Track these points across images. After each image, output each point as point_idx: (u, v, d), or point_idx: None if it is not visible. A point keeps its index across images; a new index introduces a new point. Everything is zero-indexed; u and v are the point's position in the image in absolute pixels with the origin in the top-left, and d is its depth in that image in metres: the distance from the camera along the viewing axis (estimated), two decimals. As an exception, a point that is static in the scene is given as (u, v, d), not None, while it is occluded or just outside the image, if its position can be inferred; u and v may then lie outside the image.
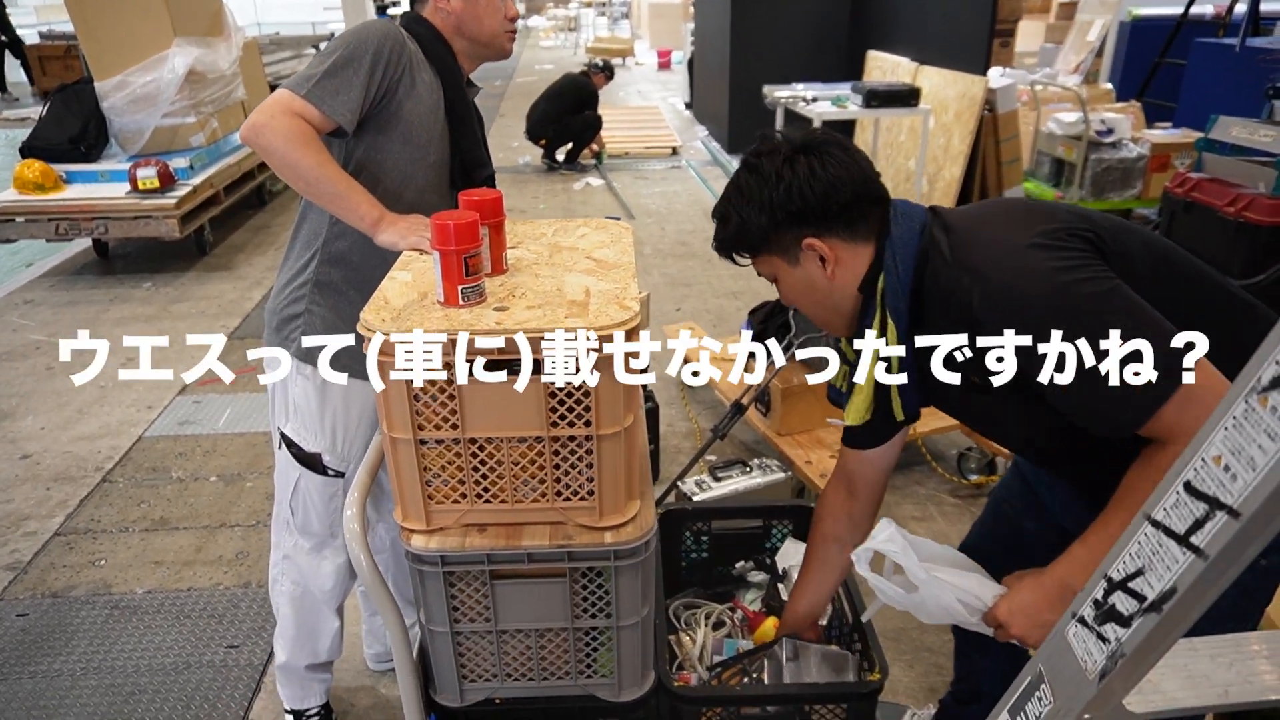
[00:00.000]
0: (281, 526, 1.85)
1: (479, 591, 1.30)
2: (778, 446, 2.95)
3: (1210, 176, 3.54)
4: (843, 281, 1.29)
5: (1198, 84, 6.22)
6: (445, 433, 1.21)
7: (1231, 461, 0.56)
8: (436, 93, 1.65)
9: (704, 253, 5.53)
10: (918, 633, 2.36)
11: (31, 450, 3.36)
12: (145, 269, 5.34)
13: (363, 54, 1.52)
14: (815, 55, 7.76)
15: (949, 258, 1.20)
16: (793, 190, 1.23)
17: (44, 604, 2.53)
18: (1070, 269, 1.11)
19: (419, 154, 1.64)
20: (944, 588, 1.24)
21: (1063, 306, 1.09)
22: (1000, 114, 5.67)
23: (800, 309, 1.38)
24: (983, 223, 1.23)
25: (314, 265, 1.67)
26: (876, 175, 1.29)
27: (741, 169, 1.31)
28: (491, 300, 1.24)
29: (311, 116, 1.49)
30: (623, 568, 1.28)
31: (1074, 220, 1.19)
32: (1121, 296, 1.09)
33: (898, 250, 1.25)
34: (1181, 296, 1.16)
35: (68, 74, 8.90)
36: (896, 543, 1.27)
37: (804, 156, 1.24)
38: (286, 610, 1.90)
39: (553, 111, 7.42)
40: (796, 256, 1.29)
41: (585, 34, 17.66)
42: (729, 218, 1.31)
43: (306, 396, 1.70)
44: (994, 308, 1.13)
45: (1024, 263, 1.13)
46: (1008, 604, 1.22)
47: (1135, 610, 0.64)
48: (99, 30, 5.01)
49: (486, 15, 1.66)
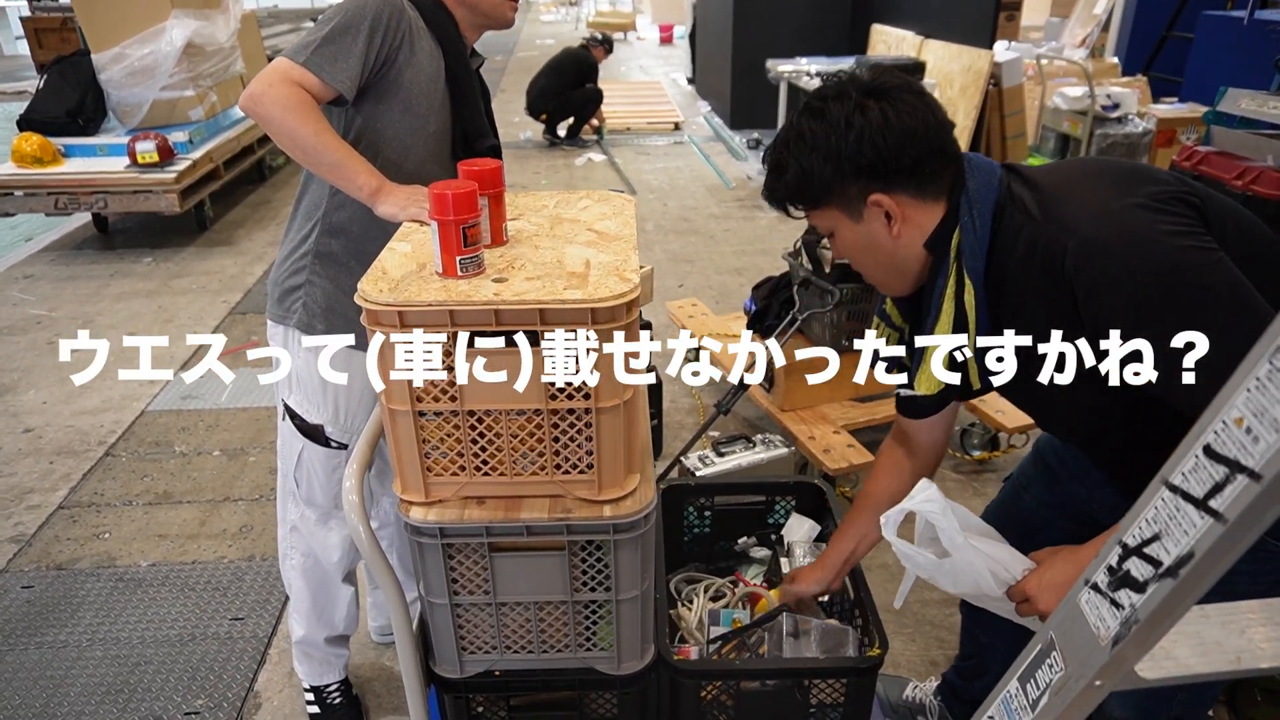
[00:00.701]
0: (287, 498, 1.85)
1: (478, 564, 1.30)
2: (781, 422, 2.94)
3: (1218, 150, 3.50)
4: (908, 240, 1.21)
5: (1205, 57, 6.16)
6: (444, 404, 1.20)
7: (1254, 423, 0.55)
8: (437, 61, 1.63)
9: (706, 229, 5.50)
10: (919, 606, 2.37)
11: (34, 424, 3.36)
12: (145, 244, 5.31)
13: (361, 20, 1.50)
14: (819, 29, 7.69)
15: (1035, 214, 1.13)
16: (864, 139, 1.14)
17: (49, 576, 2.54)
18: (1177, 234, 1.04)
19: (419, 123, 1.62)
20: (977, 555, 1.20)
21: (1167, 273, 1.02)
22: (1005, 88, 5.62)
23: (857, 266, 1.31)
24: (1076, 180, 1.15)
25: (314, 236, 1.65)
26: (951, 126, 1.19)
27: (804, 114, 1.20)
28: (490, 271, 1.23)
29: (310, 84, 1.47)
30: (622, 541, 1.27)
31: (1177, 184, 1.12)
32: (1225, 268, 1.03)
33: (975, 205, 1.16)
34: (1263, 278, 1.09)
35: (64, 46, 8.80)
36: (936, 503, 1.21)
37: (875, 102, 1.14)
38: (299, 584, 1.91)
39: (553, 86, 7.36)
40: (860, 212, 1.21)
41: (586, 8, 17.50)
42: (786, 166, 1.22)
43: (309, 368, 1.69)
44: (1091, 267, 1.05)
45: (1127, 222, 1.05)
46: (1038, 579, 1.17)
47: (1151, 575, 0.64)
48: (96, 2, 4.96)
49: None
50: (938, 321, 1.23)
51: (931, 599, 2.40)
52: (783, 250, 3.13)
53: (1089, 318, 1.09)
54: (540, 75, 7.45)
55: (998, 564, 1.21)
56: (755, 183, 6.38)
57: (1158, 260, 1.03)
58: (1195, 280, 1.02)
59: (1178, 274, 1.02)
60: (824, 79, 1.24)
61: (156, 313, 4.35)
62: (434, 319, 1.14)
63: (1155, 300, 1.03)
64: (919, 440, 1.49)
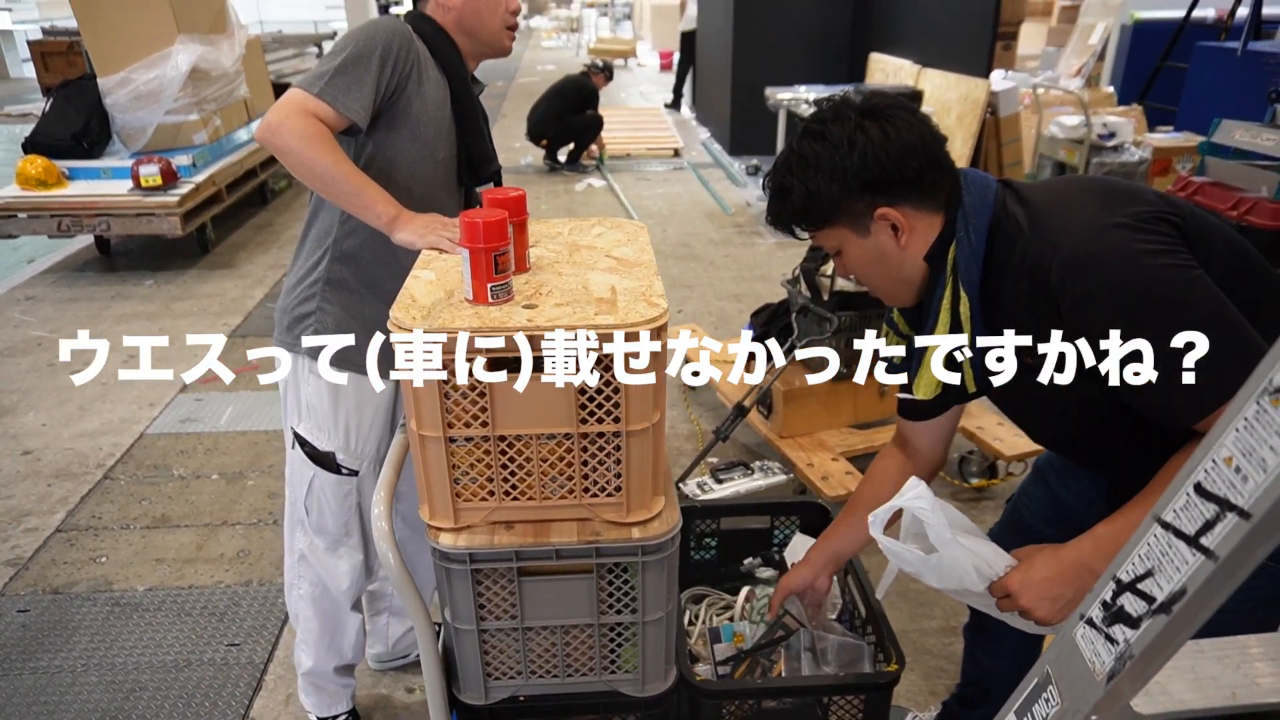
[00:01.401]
0: (296, 527, 1.85)
1: (506, 589, 1.30)
2: (779, 449, 2.95)
3: (1213, 180, 3.54)
4: (914, 250, 1.25)
5: (1199, 87, 6.22)
6: (475, 430, 1.22)
7: (1242, 463, 0.56)
8: (443, 89, 1.66)
9: (705, 255, 5.53)
10: (919, 635, 2.36)
11: (33, 446, 3.36)
12: (147, 266, 5.34)
13: (372, 50, 1.52)
14: (817, 58, 7.77)
15: (1026, 229, 1.17)
16: (868, 156, 1.18)
17: (45, 600, 2.53)
18: (1155, 252, 1.08)
19: (428, 150, 1.65)
20: (963, 551, 1.23)
21: (1144, 289, 1.07)
22: (1002, 117, 5.69)
23: (863, 280, 1.34)
24: (1063, 198, 1.20)
25: (325, 263, 1.67)
26: (944, 140, 1.24)
27: (805, 137, 1.24)
28: (519, 298, 1.25)
29: (325, 115, 1.49)
30: (649, 563, 1.29)
31: (1161, 204, 1.16)
32: (1203, 286, 1.07)
33: (970, 219, 1.21)
34: (1248, 295, 1.14)
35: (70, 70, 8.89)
36: (925, 500, 1.25)
37: (873, 121, 1.19)
38: (308, 613, 1.90)
39: (553, 112, 7.43)
40: (867, 227, 1.24)
41: (587, 35, 17.68)
42: (791, 188, 1.25)
43: (319, 395, 1.70)
44: (1073, 282, 1.10)
45: (1108, 240, 1.10)
46: (1021, 575, 1.20)
47: (1144, 611, 0.64)
48: (102, 26, 5.01)
49: (487, 11, 1.66)
50: (934, 330, 1.28)
51: (931, 628, 2.39)
52: (781, 277, 3.15)
53: (1071, 330, 1.13)
54: (541, 101, 7.52)
55: (981, 560, 1.23)
56: (754, 209, 6.43)
57: (1137, 276, 1.07)
58: (1173, 296, 1.07)
59: (1156, 290, 1.07)
60: (819, 105, 1.28)
61: (157, 335, 4.36)
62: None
63: (1134, 315, 1.07)
64: (917, 445, 1.52)
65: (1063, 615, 1.17)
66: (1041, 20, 10.68)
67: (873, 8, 7.40)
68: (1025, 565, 1.21)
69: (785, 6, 7.62)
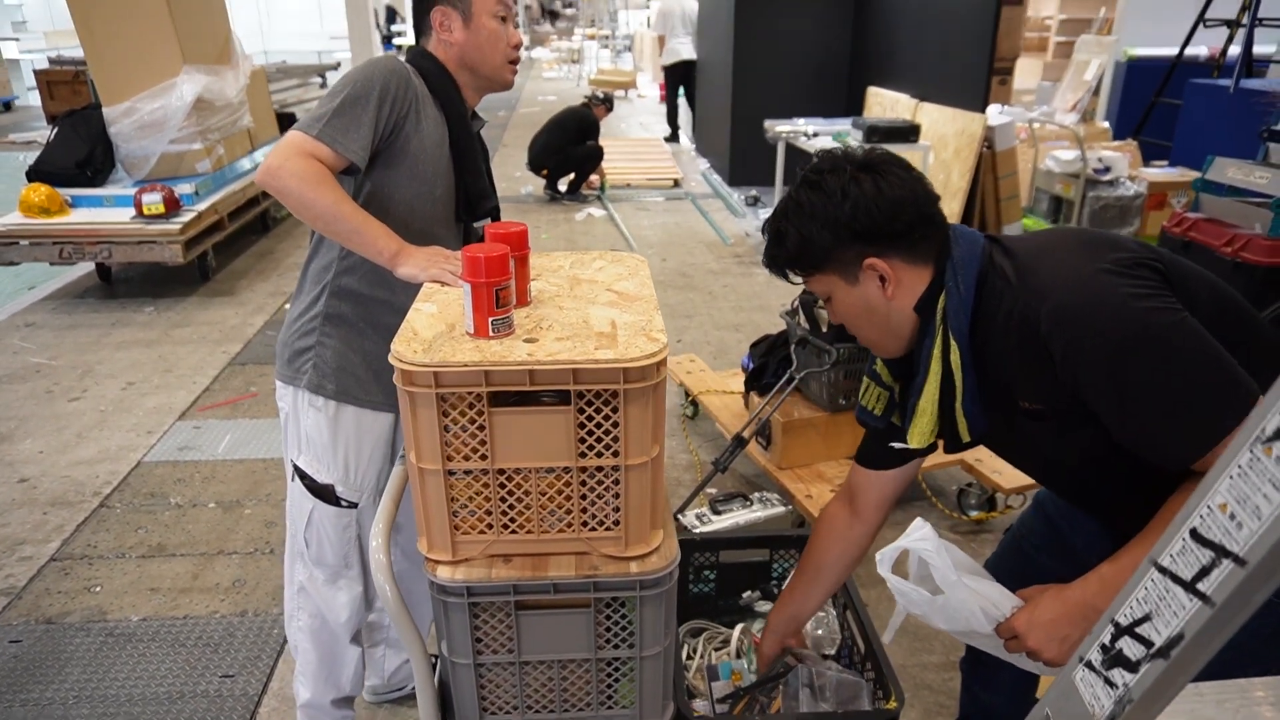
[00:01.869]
0: (295, 559, 1.84)
1: (503, 623, 1.30)
2: (778, 480, 2.95)
3: (1207, 216, 3.57)
4: (901, 303, 1.29)
5: (1193, 123, 6.30)
6: (474, 463, 1.22)
7: (1237, 510, 0.56)
8: (441, 127, 1.68)
9: (704, 285, 5.56)
10: (918, 670, 2.35)
11: (29, 474, 3.35)
12: (147, 293, 5.35)
13: (369, 90, 1.55)
14: (816, 91, 7.86)
15: (1014, 281, 1.20)
16: (859, 208, 1.22)
17: (37, 630, 2.51)
18: (1141, 296, 1.11)
19: (425, 188, 1.67)
20: (969, 593, 1.24)
21: (1134, 333, 1.09)
22: (999, 151, 5.74)
23: (852, 329, 1.37)
24: (1048, 249, 1.23)
25: (324, 299, 1.68)
26: (937, 198, 1.28)
27: (802, 186, 1.28)
28: (520, 332, 1.26)
29: (325, 156, 1.51)
30: (647, 598, 1.29)
31: (1142, 250, 1.20)
32: (1190, 328, 1.10)
33: (959, 271, 1.24)
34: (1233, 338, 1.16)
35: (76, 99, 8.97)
36: (931, 541, 1.27)
37: (867, 174, 1.24)
38: (306, 645, 1.89)
39: (554, 142, 7.49)
40: (856, 276, 1.28)
41: (588, 66, 17.86)
42: (786, 234, 1.29)
43: (319, 428, 1.70)
44: (1063, 331, 1.13)
45: (1094, 286, 1.13)
46: (1028, 616, 1.22)
47: (1143, 656, 0.64)
48: (109, 56, 5.07)
49: (489, 46, 1.69)
50: (926, 379, 1.30)
51: (930, 663, 2.38)
52: (780, 308, 3.17)
53: (1066, 378, 1.16)
54: (542, 132, 7.59)
55: (988, 601, 1.25)
56: (753, 239, 6.46)
57: (1125, 321, 1.10)
58: (1162, 337, 1.09)
59: (1144, 333, 1.09)
60: (819, 155, 1.31)
61: (156, 362, 4.36)
62: (469, 380, 1.17)
63: (1125, 359, 1.10)
64: (869, 499, 1.54)
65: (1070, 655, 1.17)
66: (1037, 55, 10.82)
67: (871, 42, 7.50)
68: (1031, 606, 1.23)
69: (785, 40, 7.72)
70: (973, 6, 5.78)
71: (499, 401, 1.19)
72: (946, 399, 1.29)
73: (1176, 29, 6.96)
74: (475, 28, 1.68)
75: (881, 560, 1.32)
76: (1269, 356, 1.22)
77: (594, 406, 1.19)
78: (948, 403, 1.29)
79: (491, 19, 1.68)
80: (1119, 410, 1.14)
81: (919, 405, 1.32)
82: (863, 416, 1.49)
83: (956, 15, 6.02)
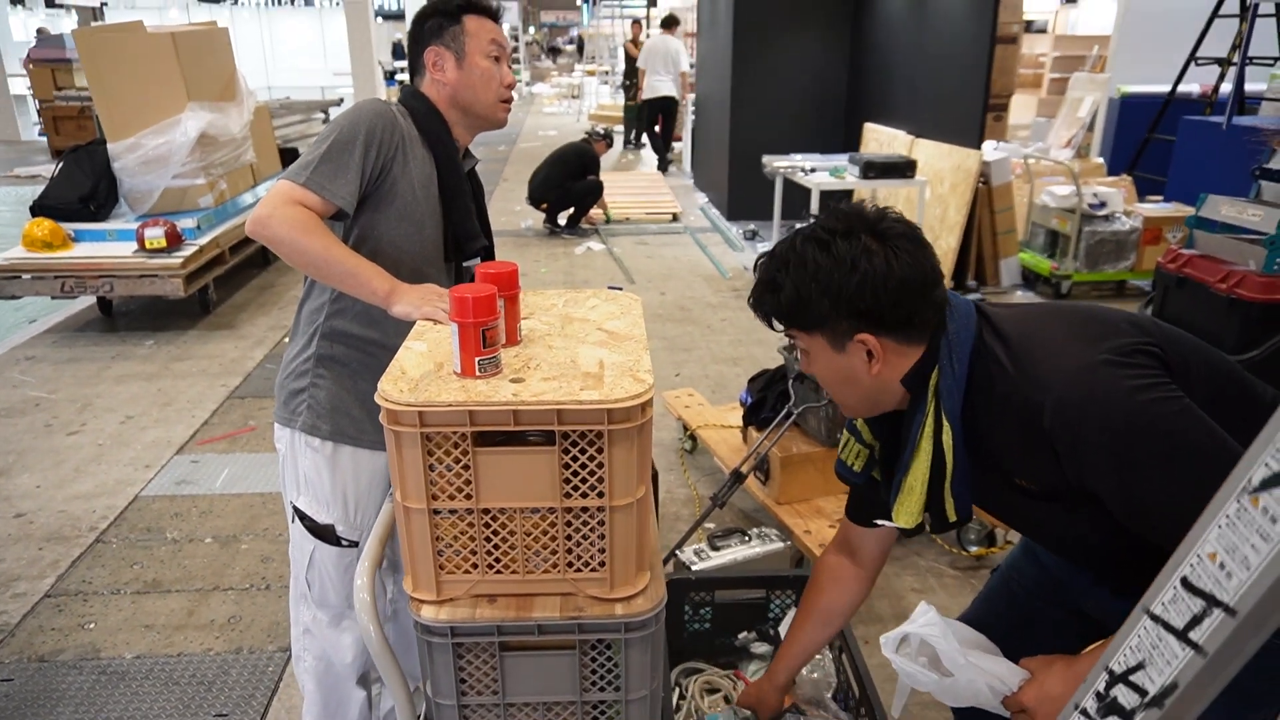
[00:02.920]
0: (299, 600, 1.84)
1: (487, 664, 1.29)
2: (777, 515, 2.94)
3: (1202, 253, 3.60)
4: (885, 378, 1.26)
5: (1187, 159, 6.36)
6: (459, 503, 1.22)
7: (1226, 559, 0.57)
8: (429, 167, 1.69)
9: (703, 319, 5.58)
10: (918, 708, 2.32)
11: (25, 509, 3.33)
12: (148, 327, 5.37)
13: (355, 135, 1.56)
14: (814, 126, 7.95)
15: (1009, 367, 1.19)
16: (866, 285, 1.18)
17: (30, 669, 2.48)
18: (1144, 387, 1.10)
19: (414, 229, 1.68)
20: (977, 672, 1.24)
21: (1139, 426, 1.09)
22: (995, 186, 5.79)
23: (826, 388, 1.34)
24: (1041, 333, 1.21)
25: (316, 340, 1.70)
26: (942, 276, 1.25)
27: (810, 243, 1.23)
28: (507, 371, 1.26)
29: (313, 203, 1.53)
30: (633, 640, 1.28)
31: (1137, 334, 1.18)
32: (1194, 415, 1.10)
33: (954, 349, 1.22)
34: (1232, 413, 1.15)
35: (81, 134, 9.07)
36: (937, 627, 1.27)
37: (880, 245, 1.20)
38: (311, 686, 1.88)
39: (554, 177, 7.56)
40: (844, 345, 1.25)
41: (588, 101, 18.05)
42: (782, 286, 1.25)
43: (316, 469, 1.70)
44: (1069, 426, 1.12)
45: (1097, 379, 1.11)
46: (1035, 691, 1.20)
47: (1137, 705, 0.64)
48: (115, 93, 5.13)
49: (481, 86, 1.71)
50: (914, 458, 1.27)
51: (928, 700, 2.35)
52: (778, 342, 3.18)
53: (1071, 469, 1.15)
54: (543, 166, 7.66)
55: (994, 678, 1.24)
56: (751, 273, 6.49)
57: (1129, 415, 1.09)
58: (1167, 428, 1.08)
59: (1150, 426, 1.08)
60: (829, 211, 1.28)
61: (156, 395, 4.36)
62: (453, 419, 1.17)
63: (1132, 452, 1.09)
64: (868, 551, 1.54)
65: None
66: (1031, 92, 10.96)
67: (867, 79, 7.60)
68: (1040, 679, 1.22)
69: (782, 76, 7.82)
70: (968, 44, 5.86)
71: (485, 441, 1.20)
72: (936, 479, 1.27)
73: (1168, 68, 7.07)
74: (468, 67, 1.70)
75: (887, 643, 1.32)
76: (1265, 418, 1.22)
77: (579, 447, 1.19)
78: (937, 482, 1.27)
79: (484, 59, 1.71)
80: (1125, 499, 1.13)
81: (906, 483, 1.30)
82: (842, 472, 1.47)
83: (952, 53, 6.11)
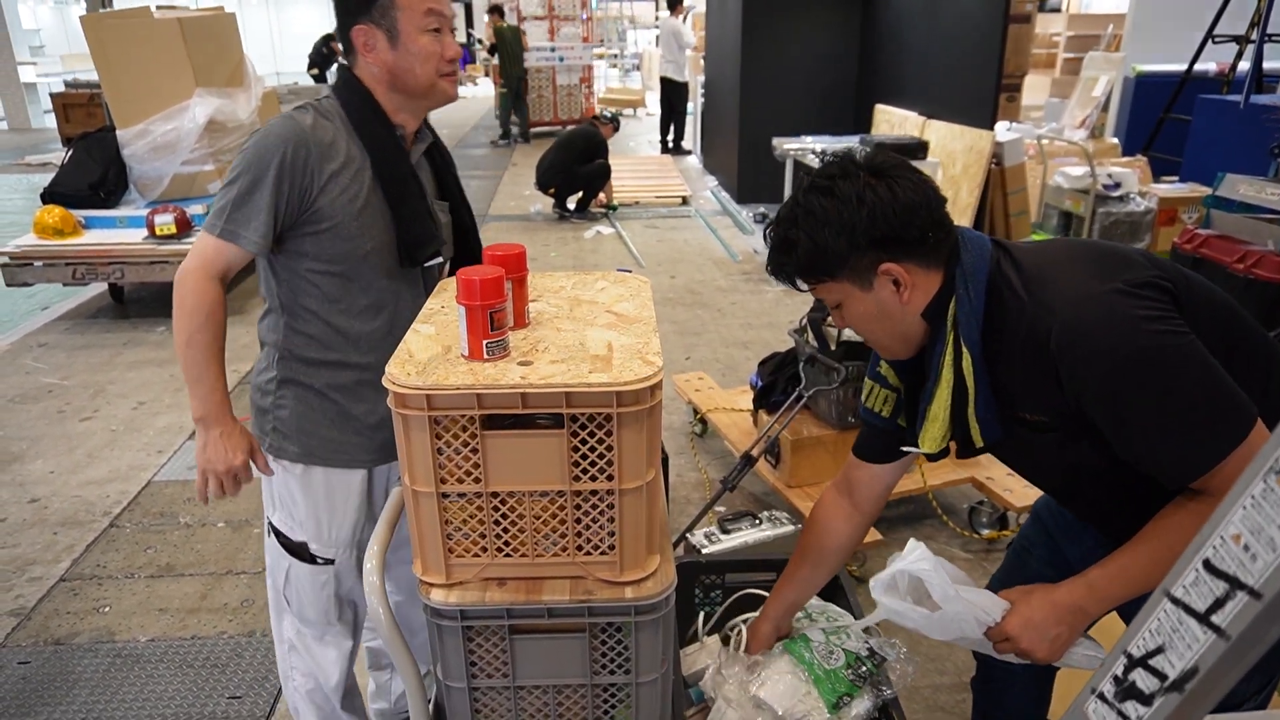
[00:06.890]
0: (281, 615, 1.82)
1: (497, 647, 1.29)
2: (787, 498, 2.93)
3: (1218, 233, 3.55)
4: (915, 306, 1.28)
5: (1203, 139, 6.27)
6: (468, 486, 1.21)
7: (1251, 541, 0.55)
8: (365, 174, 1.56)
9: (713, 302, 5.55)
10: (931, 692, 2.32)
11: (40, 494, 3.36)
12: (159, 313, 5.38)
13: (264, 173, 1.47)
14: (824, 108, 7.88)
15: (1022, 294, 1.21)
16: (876, 214, 1.21)
17: (46, 652, 2.51)
18: (1150, 318, 1.12)
19: (352, 246, 1.56)
20: (965, 605, 1.29)
21: (1141, 352, 1.11)
22: (1007, 167, 5.73)
23: (863, 334, 1.36)
24: (1056, 263, 1.23)
25: (278, 363, 1.65)
26: (945, 201, 1.27)
27: (812, 192, 1.26)
28: (515, 354, 1.25)
29: (232, 256, 1.51)
30: (643, 623, 1.27)
31: (1151, 268, 1.20)
32: (1196, 350, 1.11)
33: (970, 277, 1.24)
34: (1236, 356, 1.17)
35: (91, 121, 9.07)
36: (928, 560, 1.32)
37: (880, 179, 1.23)
38: (305, 707, 1.87)
39: (562, 161, 7.53)
40: (870, 282, 1.26)
41: (597, 85, 17.96)
42: (797, 241, 1.26)
43: (287, 488, 1.68)
44: (1072, 346, 1.14)
45: (1104, 306, 1.14)
46: (1018, 619, 1.26)
47: (1157, 689, 0.63)
48: (124, 80, 5.13)
49: (419, 63, 1.54)
50: (937, 386, 1.30)
51: (944, 684, 2.35)
52: (789, 325, 3.16)
53: (1071, 393, 1.17)
54: (550, 151, 7.63)
55: (979, 609, 1.30)
56: (761, 256, 6.46)
57: (1133, 342, 1.11)
58: (1167, 359, 1.11)
59: (1152, 355, 1.11)
60: (824, 158, 1.31)
61: (168, 381, 4.38)
62: (461, 403, 1.16)
63: (1131, 378, 1.11)
64: (869, 493, 1.56)
65: (1060, 653, 1.26)
66: (1045, 72, 10.82)
67: (878, 60, 7.52)
68: (1021, 608, 1.27)
69: (792, 58, 7.75)
70: (980, 24, 5.79)
71: (494, 424, 1.19)
72: (959, 405, 1.29)
73: (1184, 46, 6.96)
74: (403, 47, 1.53)
75: (876, 585, 1.36)
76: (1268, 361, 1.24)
77: (587, 430, 1.18)
78: (960, 409, 1.29)
79: (422, 34, 1.53)
80: (1122, 426, 1.15)
81: (931, 411, 1.32)
82: (870, 418, 1.49)
83: (964, 33, 6.03)
